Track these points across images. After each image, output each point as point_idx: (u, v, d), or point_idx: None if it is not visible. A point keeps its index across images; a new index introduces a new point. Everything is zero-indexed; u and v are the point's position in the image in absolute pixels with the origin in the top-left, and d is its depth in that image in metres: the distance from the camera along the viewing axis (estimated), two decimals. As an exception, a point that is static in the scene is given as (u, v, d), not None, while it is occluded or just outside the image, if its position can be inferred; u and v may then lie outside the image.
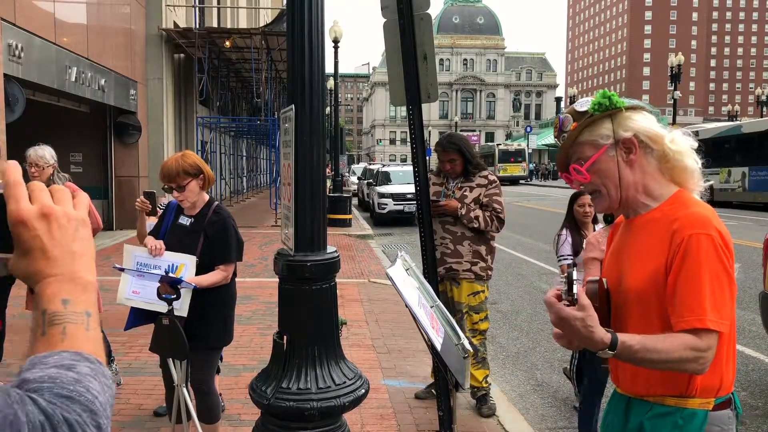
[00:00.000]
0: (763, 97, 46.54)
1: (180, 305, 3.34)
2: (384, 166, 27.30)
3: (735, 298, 1.65)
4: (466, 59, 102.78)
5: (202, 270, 3.41)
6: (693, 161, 1.74)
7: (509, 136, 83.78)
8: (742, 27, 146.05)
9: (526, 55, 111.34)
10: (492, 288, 6.18)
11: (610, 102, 1.73)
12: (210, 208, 3.54)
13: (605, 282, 1.78)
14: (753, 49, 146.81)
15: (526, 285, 9.73)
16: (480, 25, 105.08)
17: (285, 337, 2.75)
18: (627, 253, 1.78)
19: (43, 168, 4.55)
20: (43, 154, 4.58)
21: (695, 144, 1.76)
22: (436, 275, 3.83)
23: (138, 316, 3.58)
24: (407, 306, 2.63)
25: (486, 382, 4.59)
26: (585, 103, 1.78)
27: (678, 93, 31.27)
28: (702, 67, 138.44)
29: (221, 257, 3.46)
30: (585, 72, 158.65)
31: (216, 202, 3.66)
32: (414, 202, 4.04)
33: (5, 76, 9.05)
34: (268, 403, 2.66)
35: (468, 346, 2.70)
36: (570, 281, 1.59)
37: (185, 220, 3.55)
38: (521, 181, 51.97)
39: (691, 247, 1.59)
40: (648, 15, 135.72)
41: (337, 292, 2.93)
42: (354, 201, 21.64)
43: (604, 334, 1.56)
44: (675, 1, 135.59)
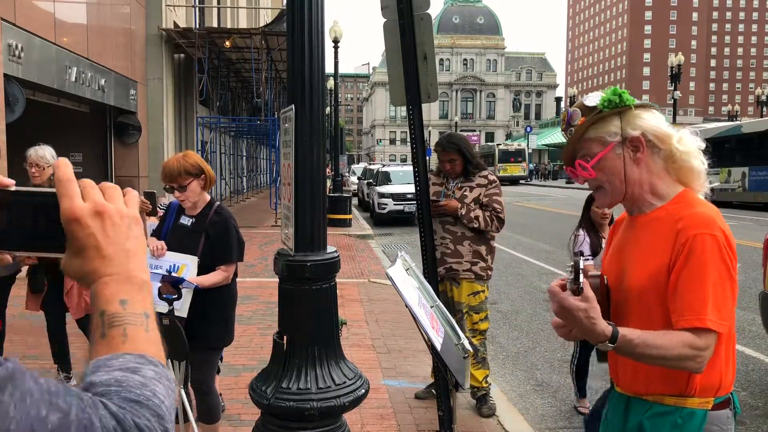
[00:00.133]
0: (763, 97, 46.54)
1: (180, 306, 3.35)
2: (384, 166, 27.31)
3: (736, 298, 1.66)
4: (466, 59, 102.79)
5: (203, 270, 3.41)
6: (699, 162, 1.73)
7: (509, 136, 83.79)
8: (742, 27, 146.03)
9: (526, 55, 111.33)
10: (492, 288, 6.18)
11: (620, 99, 1.71)
12: (211, 208, 3.54)
13: (605, 278, 1.79)
14: (753, 49, 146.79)
15: (526, 285, 9.73)
16: (480, 25, 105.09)
17: (285, 337, 2.75)
18: (629, 251, 1.78)
19: (44, 168, 4.55)
20: (44, 154, 4.58)
21: (702, 145, 1.75)
22: (436, 275, 3.83)
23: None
24: (407, 306, 2.63)
25: (486, 382, 4.59)
26: (594, 98, 1.76)
27: (678, 93, 31.26)
28: (702, 67, 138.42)
29: (222, 257, 3.47)
30: (585, 72, 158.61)
31: (217, 202, 3.66)
32: (414, 202, 4.04)
33: (5, 76, 9.05)
34: (268, 403, 2.67)
35: (468, 346, 2.70)
36: (577, 270, 1.58)
37: (186, 220, 3.55)
38: (521, 181, 51.98)
39: (696, 247, 1.59)
40: (648, 15, 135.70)
41: (337, 292, 2.93)
42: (354, 201, 21.64)
43: (605, 326, 1.56)
44: (675, 1, 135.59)
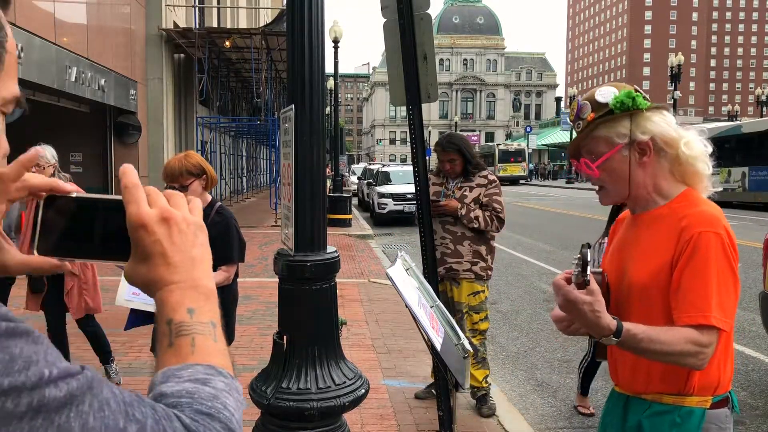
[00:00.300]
0: (763, 97, 46.57)
1: (180, 305, 3.34)
2: (384, 166, 27.31)
3: (738, 296, 1.66)
4: (466, 59, 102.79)
5: None
6: (705, 166, 1.72)
7: (509, 136, 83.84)
8: (742, 27, 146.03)
9: (526, 55, 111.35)
10: (492, 288, 6.18)
11: (633, 103, 1.69)
12: (212, 208, 3.54)
13: (606, 276, 1.79)
14: (753, 49, 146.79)
15: (526, 285, 9.73)
16: (480, 25, 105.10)
17: (285, 337, 2.75)
18: (632, 249, 1.78)
19: (44, 168, 4.55)
20: (44, 154, 4.58)
21: (709, 149, 1.74)
22: (436, 275, 3.83)
23: (138, 316, 3.58)
24: (407, 306, 2.63)
25: (486, 382, 4.59)
26: (607, 95, 1.72)
27: (678, 93, 31.30)
28: (702, 67, 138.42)
29: (223, 258, 3.47)
30: (585, 72, 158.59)
31: (218, 202, 3.66)
32: (414, 202, 4.04)
33: (5, 76, 9.05)
34: (268, 403, 2.67)
35: (468, 346, 2.70)
36: (584, 262, 1.56)
37: None
38: (521, 181, 52.01)
39: (700, 245, 1.60)
40: (648, 15, 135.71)
41: (337, 292, 2.94)
42: (354, 201, 21.64)
43: (610, 320, 1.56)
44: (675, 1, 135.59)
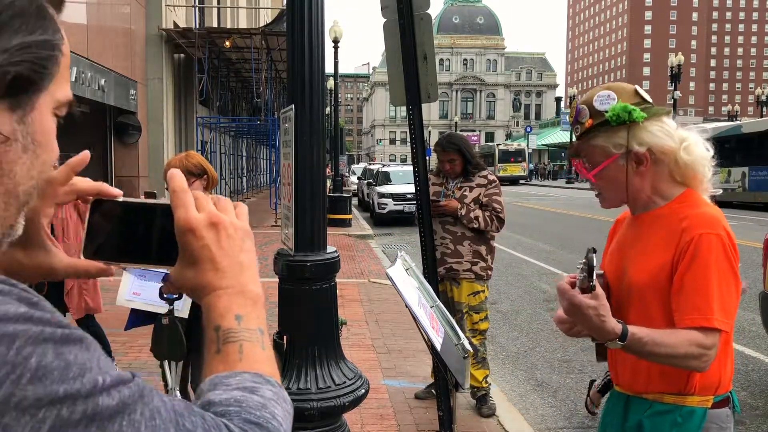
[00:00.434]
0: (763, 97, 46.58)
1: (181, 306, 3.34)
2: (384, 166, 27.31)
3: (740, 297, 1.66)
4: (466, 59, 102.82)
5: None
6: (705, 169, 1.72)
7: (509, 136, 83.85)
8: (742, 27, 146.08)
9: (526, 55, 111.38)
10: (492, 288, 6.18)
11: (629, 117, 1.68)
12: None
13: (605, 276, 1.79)
14: (753, 49, 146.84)
15: (526, 285, 9.73)
16: (480, 25, 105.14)
17: (285, 337, 2.75)
18: (631, 249, 1.78)
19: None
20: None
21: (710, 153, 1.73)
22: (436, 275, 3.83)
23: (138, 316, 3.58)
24: (407, 306, 2.63)
25: (486, 382, 4.59)
26: (605, 101, 1.72)
27: (678, 93, 31.31)
28: (702, 67, 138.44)
29: None
30: (585, 72, 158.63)
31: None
32: (414, 202, 4.04)
33: (5, 76, 9.05)
34: (268, 403, 2.66)
35: (468, 346, 2.70)
36: (590, 267, 1.56)
37: None
38: (521, 181, 52.01)
39: (701, 247, 1.60)
40: (648, 15, 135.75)
41: (337, 292, 2.94)
42: (354, 201, 21.64)
43: (615, 324, 1.55)
44: (675, 1, 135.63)
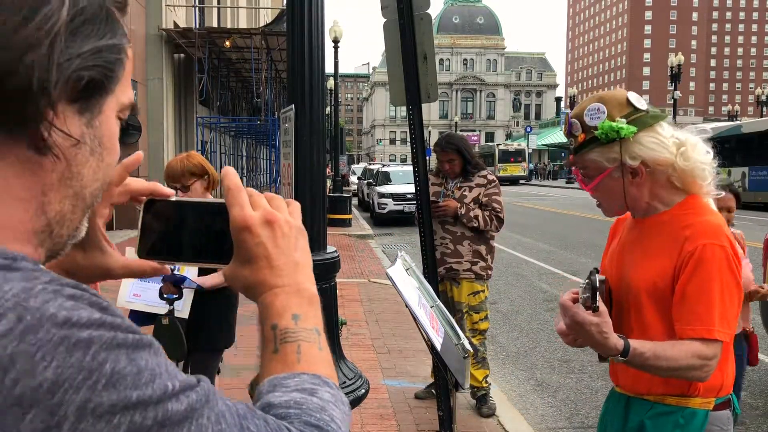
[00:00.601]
0: (763, 97, 46.61)
1: (181, 306, 3.34)
2: (384, 166, 27.30)
3: (741, 305, 1.67)
4: (466, 59, 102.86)
5: (205, 271, 3.40)
6: (704, 174, 1.70)
7: (509, 136, 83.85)
8: (742, 27, 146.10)
9: (526, 55, 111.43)
10: (492, 288, 6.18)
11: (618, 135, 1.68)
12: None
13: (607, 281, 1.79)
14: (753, 49, 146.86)
15: (526, 285, 9.73)
16: (480, 25, 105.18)
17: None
18: (632, 253, 1.78)
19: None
20: None
21: (710, 156, 1.72)
22: (436, 275, 3.83)
23: (138, 317, 3.57)
24: (407, 306, 2.63)
25: (486, 382, 4.59)
26: (595, 116, 1.71)
27: (678, 93, 31.31)
28: (702, 67, 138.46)
29: None
30: (585, 72, 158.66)
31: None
32: (414, 202, 4.04)
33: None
34: (268, 403, 2.66)
35: (468, 346, 2.70)
36: (594, 289, 1.58)
37: None
38: (521, 181, 52.00)
39: (705, 258, 1.60)
40: (648, 15, 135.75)
41: (337, 292, 2.93)
42: (354, 201, 21.64)
43: (617, 340, 1.57)
44: (675, 1, 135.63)
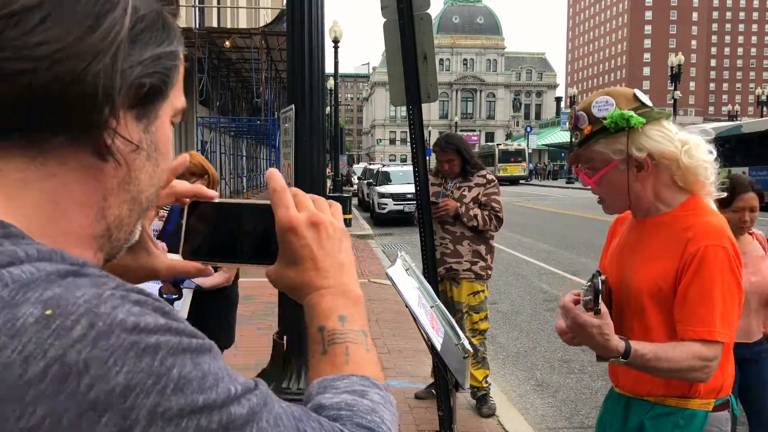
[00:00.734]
0: (763, 97, 46.62)
1: (181, 306, 3.34)
2: (384, 166, 27.30)
3: (742, 306, 1.67)
4: (466, 59, 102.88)
5: None
6: (707, 173, 1.70)
7: (509, 136, 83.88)
8: (742, 27, 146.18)
9: (526, 55, 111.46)
10: (492, 288, 6.18)
11: (627, 123, 1.68)
12: None
13: (608, 281, 1.78)
14: (753, 49, 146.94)
15: (526, 285, 9.73)
16: (480, 25, 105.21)
17: (285, 337, 2.75)
18: (633, 254, 1.78)
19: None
20: None
21: (713, 156, 1.72)
22: (436, 275, 3.83)
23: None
24: (407, 306, 2.63)
25: (486, 382, 4.59)
26: (603, 108, 1.71)
27: (678, 93, 31.33)
28: (702, 67, 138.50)
29: None
30: (585, 72, 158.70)
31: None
32: (414, 202, 4.04)
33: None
34: (268, 403, 2.66)
35: (468, 346, 2.70)
36: (596, 292, 1.58)
37: None
38: (521, 181, 52.00)
39: (707, 259, 1.60)
40: (648, 15, 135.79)
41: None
42: (354, 201, 21.64)
43: (618, 342, 1.57)
44: (675, 1, 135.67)
